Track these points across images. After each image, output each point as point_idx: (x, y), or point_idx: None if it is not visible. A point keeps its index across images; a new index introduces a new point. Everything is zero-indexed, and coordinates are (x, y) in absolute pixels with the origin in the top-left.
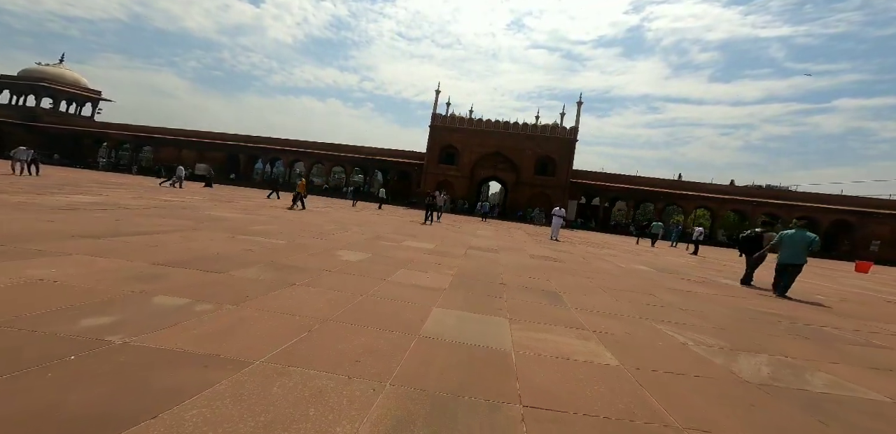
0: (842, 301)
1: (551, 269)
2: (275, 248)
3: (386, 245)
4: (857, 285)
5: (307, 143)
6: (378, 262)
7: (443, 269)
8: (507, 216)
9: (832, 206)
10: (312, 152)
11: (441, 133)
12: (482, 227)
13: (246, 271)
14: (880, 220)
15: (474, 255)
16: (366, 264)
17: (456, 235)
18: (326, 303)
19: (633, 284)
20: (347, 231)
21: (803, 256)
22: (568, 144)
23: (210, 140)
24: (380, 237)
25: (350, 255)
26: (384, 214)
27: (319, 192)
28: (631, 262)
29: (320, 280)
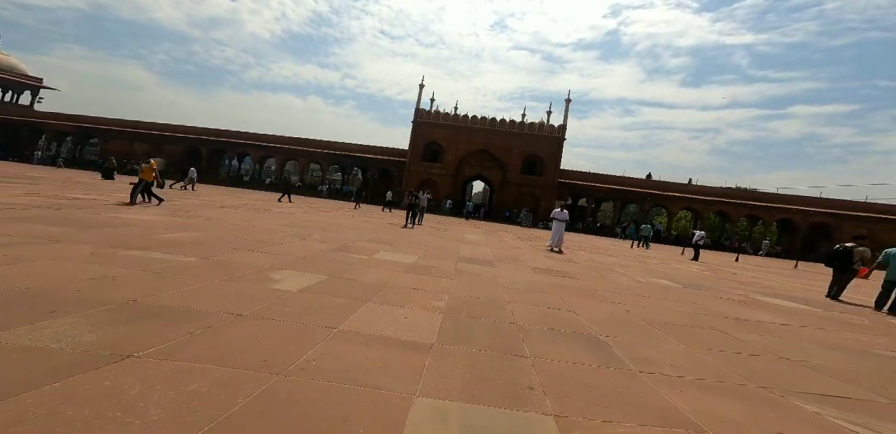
0: None
1: (567, 291)
2: (168, 271)
3: (352, 260)
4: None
5: (279, 137)
6: (333, 290)
7: (428, 299)
8: (493, 217)
9: (811, 208)
10: (285, 148)
11: (424, 129)
12: (469, 229)
13: (54, 325)
14: (857, 222)
15: (467, 271)
16: (311, 297)
17: (442, 242)
18: (171, 415)
19: (681, 313)
20: (305, 239)
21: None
22: (556, 143)
23: (168, 132)
24: (346, 247)
25: (292, 280)
26: (359, 216)
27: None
28: (645, 273)
29: (204, 341)
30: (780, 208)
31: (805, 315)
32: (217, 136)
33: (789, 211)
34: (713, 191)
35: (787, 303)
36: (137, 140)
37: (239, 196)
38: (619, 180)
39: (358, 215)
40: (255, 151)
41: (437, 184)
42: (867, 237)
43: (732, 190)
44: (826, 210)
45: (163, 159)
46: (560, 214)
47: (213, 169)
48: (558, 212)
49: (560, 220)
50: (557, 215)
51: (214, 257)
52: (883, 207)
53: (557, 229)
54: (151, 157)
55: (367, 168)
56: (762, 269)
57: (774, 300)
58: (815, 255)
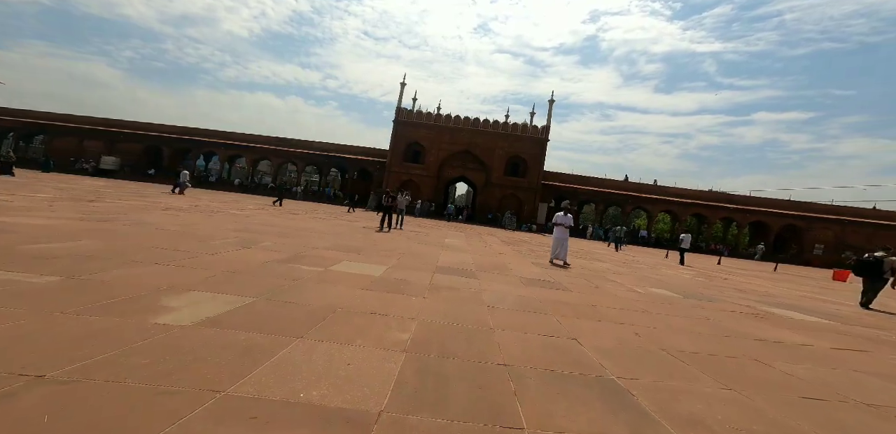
0: None
1: (563, 309)
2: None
3: (300, 274)
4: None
5: (251, 136)
6: (253, 320)
7: (389, 330)
8: (475, 219)
9: (781, 211)
10: (258, 147)
11: (406, 129)
12: (450, 233)
13: None
14: (825, 225)
15: (444, 286)
16: (209, 334)
17: (419, 248)
18: None
19: (699, 336)
20: (249, 247)
21: None
22: (539, 144)
23: (125, 129)
24: (299, 257)
25: (194, 307)
26: (330, 219)
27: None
28: (640, 281)
29: None
30: (753, 211)
31: (830, 332)
32: (182, 133)
33: (762, 213)
34: (690, 193)
35: (801, 315)
36: (90, 137)
37: (225, 199)
38: (601, 182)
39: (333, 218)
40: (224, 150)
41: (419, 185)
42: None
43: (708, 193)
44: (796, 213)
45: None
46: (564, 219)
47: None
48: (561, 216)
49: (564, 225)
50: (561, 220)
51: (90, 275)
52: (849, 210)
53: (561, 237)
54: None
55: (346, 168)
56: (747, 273)
57: (786, 312)
58: (785, 257)
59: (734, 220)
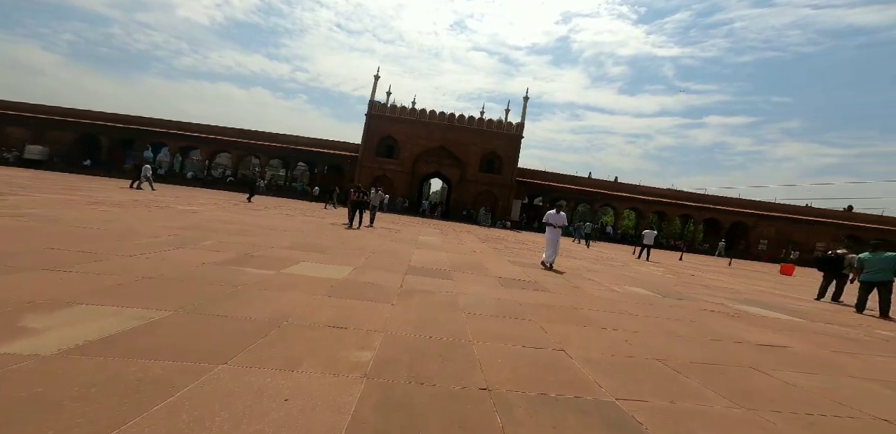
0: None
1: (546, 313)
2: None
3: (245, 278)
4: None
5: (207, 126)
6: (165, 342)
7: (347, 348)
8: (450, 216)
9: (732, 208)
10: (214, 138)
11: (379, 123)
12: (425, 230)
13: None
14: (768, 222)
15: (417, 289)
16: (83, 366)
17: (391, 246)
18: None
19: (688, 341)
20: (185, 246)
21: (889, 274)
22: (514, 141)
23: (56, 116)
24: (248, 258)
25: (74, 326)
26: (297, 215)
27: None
28: (618, 280)
29: None
30: (708, 208)
31: (805, 331)
32: (124, 122)
33: (715, 211)
34: (654, 191)
35: (771, 313)
36: (14, 124)
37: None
38: (572, 180)
39: (300, 215)
40: (175, 141)
41: (392, 181)
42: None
43: (668, 191)
44: (744, 210)
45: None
46: (556, 218)
47: (118, 160)
48: (554, 214)
49: (556, 225)
50: (553, 219)
51: None
52: (789, 208)
53: (553, 239)
54: (32, 143)
55: (315, 162)
56: (707, 268)
57: (756, 310)
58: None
59: (691, 217)
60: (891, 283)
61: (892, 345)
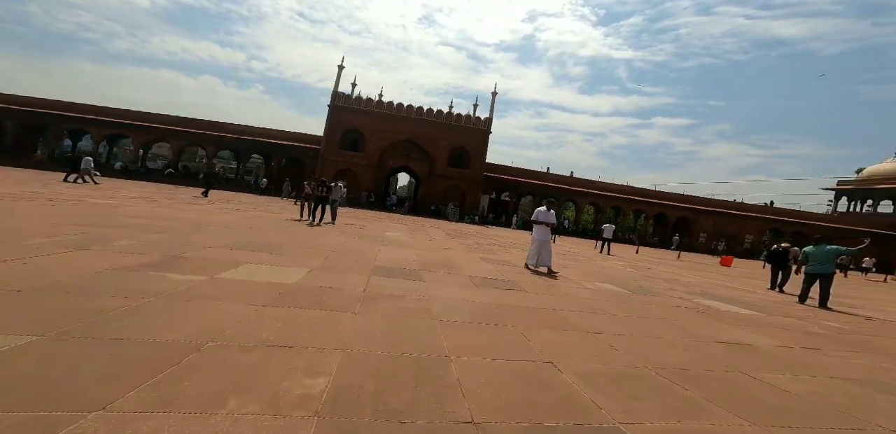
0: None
1: (525, 316)
2: None
3: (164, 284)
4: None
5: (140, 113)
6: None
7: (295, 374)
8: (418, 211)
9: (677, 203)
10: (150, 126)
11: (344, 115)
12: (392, 225)
13: None
14: (706, 216)
15: (384, 293)
16: None
17: (355, 244)
18: None
19: (671, 344)
20: (90, 248)
21: (831, 266)
22: (482, 136)
23: None
24: (172, 260)
25: None
26: (248, 210)
27: (154, 178)
28: (587, 276)
29: None
30: (657, 204)
31: (773, 327)
32: (35, 106)
33: (664, 206)
34: (611, 187)
35: (732, 307)
36: None
37: (104, 187)
38: (537, 175)
39: (252, 210)
40: (100, 129)
41: (357, 174)
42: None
43: (624, 187)
44: (687, 205)
45: None
46: (546, 216)
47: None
48: (543, 212)
49: (546, 223)
50: (542, 217)
51: None
52: (723, 204)
53: (543, 239)
54: None
55: (272, 155)
56: (661, 261)
57: (718, 304)
58: (681, 245)
59: (643, 212)
60: (832, 274)
61: (846, 337)
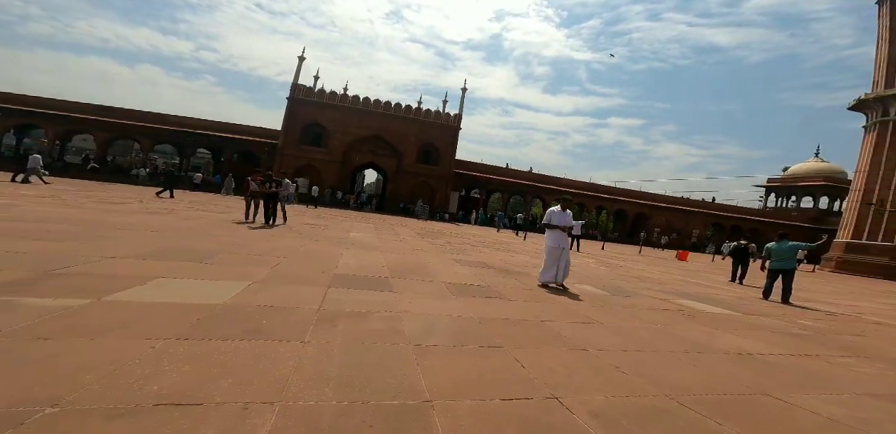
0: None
1: (516, 334)
2: None
3: (17, 314)
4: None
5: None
6: None
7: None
8: (386, 208)
9: (636, 200)
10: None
11: (305, 108)
12: (357, 225)
13: None
14: (660, 212)
15: (343, 311)
16: None
17: (312, 248)
18: None
19: (676, 357)
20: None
21: (793, 262)
22: (452, 132)
23: None
24: (51, 277)
25: None
26: (186, 210)
27: (73, 173)
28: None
29: None
30: (618, 200)
31: (752, 329)
32: None
33: (623, 202)
34: (576, 184)
35: (708, 307)
36: None
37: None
38: (506, 172)
39: (192, 209)
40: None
41: (320, 171)
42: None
43: (587, 184)
44: (644, 201)
45: None
46: (562, 218)
47: None
48: (557, 212)
49: (563, 228)
50: (558, 219)
51: None
52: (674, 200)
53: (558, 247)
54: None
55: (222, 149)
56: (626, 257)
57: (696, 304)
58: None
59: (605, 208)
60: (794, 270)
61: (830, 339)
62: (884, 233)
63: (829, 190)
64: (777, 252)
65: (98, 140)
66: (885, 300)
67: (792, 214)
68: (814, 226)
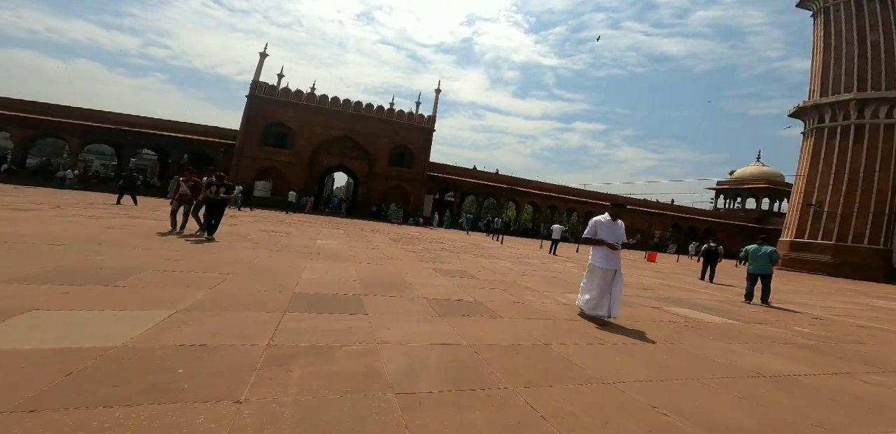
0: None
1: (518, 367)
2: None
3: None
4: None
5: None
6: None
7: None
8: (357, 213)
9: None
10: None
11: (267, 107)
12: (326, 231)
13: None
14: (626, 213)
15: (301, 345)
16: None
17: (269, 260)
18: None
19: (710, 386)
20: None
21: (770, 266)
22: (425, 134)
23: None
24: None
25: None
26: (111, 216)
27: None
28: (552, 286)
29: None
30: (587, 202)
31: (765, 341)
32: None
33: (592, 205)
34: (548, 187)
35: (704, 315)
36: None
37: None
38: (479, 175)
39: (129, 216)
40: None
41: (285, 173)
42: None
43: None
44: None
45: None
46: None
47: None
48: (606, 223)
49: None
50: (605, 232)
51: None
52: (641, 202)
53: (610, 268)
54: None
55: (169, 150)
56: None
57: (689, 312)
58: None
59: (575, 210)
60: (771, 274)
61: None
62: (823, 232)
63: (770, 192)
64: (754, 256)
65: (15, 138)
66: (844, 298)
67: (739, 215)
68: (758, 226)
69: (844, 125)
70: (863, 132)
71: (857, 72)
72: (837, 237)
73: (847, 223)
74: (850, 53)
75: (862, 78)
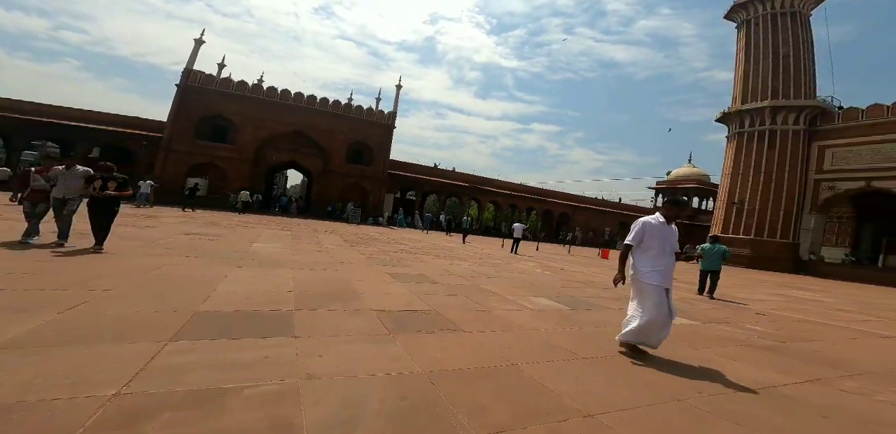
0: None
1: (482, 397)
2: None
3: None
4: None
5: None
6: None
7: None
8: (312, 212)
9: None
10: None
11: (203, 97)
12: (269, 232)
13: None
14: (581, 212)
15: (176, 390)
16: None
17: (175, 269)
18: None
19: (707, 422)
20: None
21: (719, 264)
22: (386, 131)
23: None
24: None
25: None
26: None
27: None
28: (517, 289)
29: None
30: (545, 201)
31: (730, 344)
32: None
33: (550, 203)
34: (509, 186)
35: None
36: None
37: None
38: (443, 174)
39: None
40: None
41: (226, 170)
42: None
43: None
44: (568, 202)
45: None
46: (665, 235)
47: None
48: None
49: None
50: (659, 237)
51: None
52: (594, 201)
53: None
54: None
55: (76, 142)
56: (561, 258)
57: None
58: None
59: (534, 209)
60: (720, 271)
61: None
62: (744, 227)
63: (699, 191)
64: (708, 253)
65: None
66: (768, 290)
67: None
68: (690, 222)
69: (761, 130)
70: (775, 137)
71: (772, 81)
72: (755, 232)
73: (763, 219)
74: (766, 65)
75: (775, 87)
